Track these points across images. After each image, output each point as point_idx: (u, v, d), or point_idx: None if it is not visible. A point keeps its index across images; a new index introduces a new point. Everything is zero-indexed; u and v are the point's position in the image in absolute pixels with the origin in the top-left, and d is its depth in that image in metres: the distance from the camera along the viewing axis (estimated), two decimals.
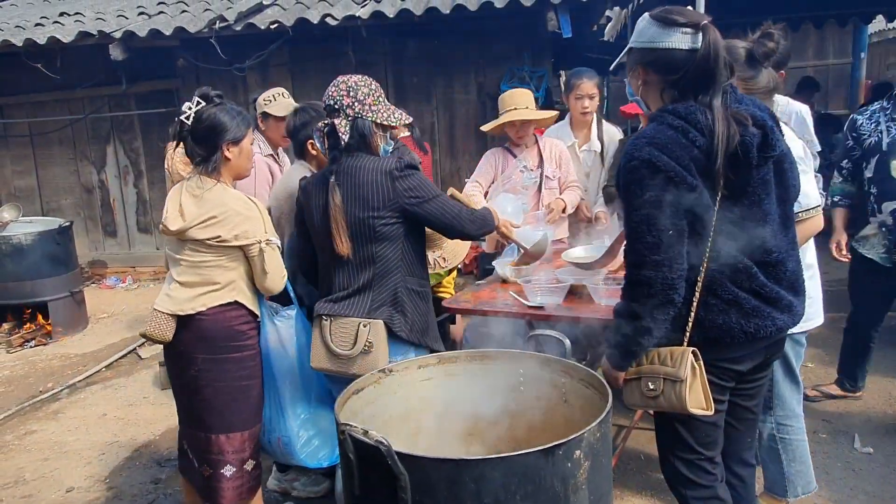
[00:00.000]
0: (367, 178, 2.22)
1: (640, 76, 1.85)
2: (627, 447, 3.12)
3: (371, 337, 2.21)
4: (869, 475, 2.95)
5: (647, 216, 1.68)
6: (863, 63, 10.23)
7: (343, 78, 2.30)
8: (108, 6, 7.63)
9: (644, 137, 1.73)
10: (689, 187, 1.67)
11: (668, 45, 1.74)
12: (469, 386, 2.02)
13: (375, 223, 2.22)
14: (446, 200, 2.31)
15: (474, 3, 5.83)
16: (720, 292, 1.76)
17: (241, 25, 6.23)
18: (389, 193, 2.21)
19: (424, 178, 2.28)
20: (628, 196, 1.74)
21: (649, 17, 1.79)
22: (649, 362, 1.81)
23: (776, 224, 1.82)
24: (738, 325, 1.76)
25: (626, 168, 1.74)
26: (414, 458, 1.44)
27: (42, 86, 7.06)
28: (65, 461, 3.55)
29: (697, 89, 1.73)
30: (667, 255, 1.68)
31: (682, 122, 1.70)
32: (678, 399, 1.73)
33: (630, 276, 1.76)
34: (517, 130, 3.67)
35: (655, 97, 1.83)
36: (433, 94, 6.74)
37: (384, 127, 2.32)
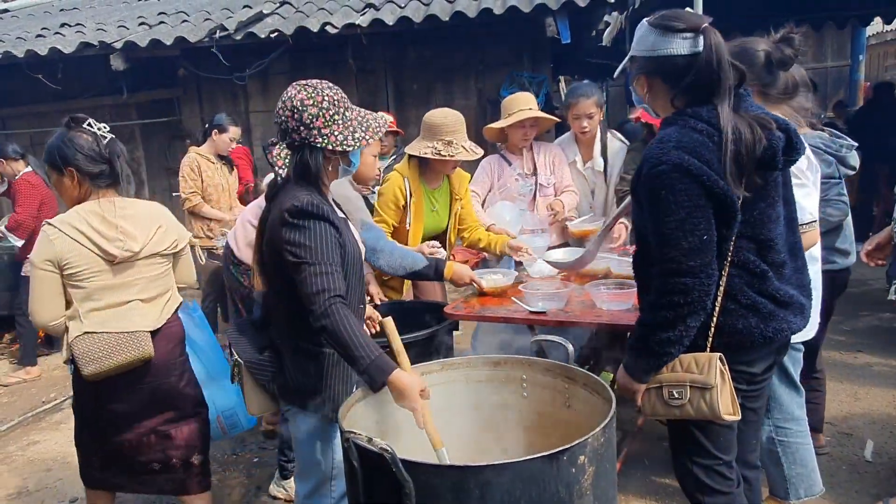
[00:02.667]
0: (273, 216, 1.93)
1: (644, 84, 1.84)
2: (632, 452, 3.12)
3: (239, 373, 2.08)
4: (873, 478, 2.94)
5: (682, 221, 1.65)
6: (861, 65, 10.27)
7: (292, 92, 1.90)
8: (108, 17, 7.67)
9: (670, 141, 1.69)
10: (722, 191, 1.65)
11: (668, 51, 1.72)
12: (473, 392, 2.02)
13: (265, 268, 2.01)
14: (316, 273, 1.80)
15: (473, 10, 5.85)
16: (740, 297, 1.76)
17: (241, 35, 6.26)
18: (277, 235, 1.88)
19: (316, 236, 1.84)
20: (656, 202, 1.69)
21: (648, 25, 1.78)
22: (670, 370, 1.78)
23: (783, 226, 1.83)
24: (758, 329, 1.76)
25: (653, 173, 1.68)
26: (418, 465, 1.44)
27: (43, 96, 7.09)
28: (68, 472, 3.54)
29: (706, 93, 1.72)
30: (703, 260, 1.66)
31: (706, 125, 1.69)
32: (710, 407, 1.71)
33: (665, 285, 1.70)
34: (525, 132, 3.67)
35: (664, 103, 1.82)
36: (433, 100, 6.76)
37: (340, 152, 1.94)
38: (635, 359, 1.81)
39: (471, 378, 2.02)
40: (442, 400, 2.00)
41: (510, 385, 2.00)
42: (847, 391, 3.80)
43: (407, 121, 6.54)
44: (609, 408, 1.63)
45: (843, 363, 4.19)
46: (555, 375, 1.94)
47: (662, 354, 1.75)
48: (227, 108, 6.31)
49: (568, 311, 2.62)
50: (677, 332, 1.71)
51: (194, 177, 4.77)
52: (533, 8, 5.65)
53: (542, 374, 1.96)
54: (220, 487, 3.28)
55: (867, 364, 4.17)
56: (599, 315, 2.54)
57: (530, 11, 5.67)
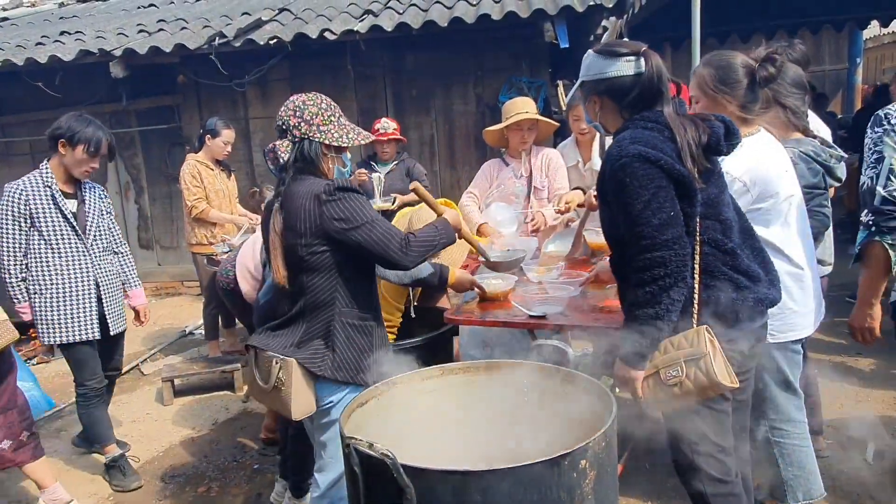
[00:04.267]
0: (298, 204, 2.08)
1: (596, 104, 2.04)
2: (633, 456, 3.11)
3: (282, 375, 2.07)
4: (875, 480, 2.93)
5: (648, 201, 1.79)
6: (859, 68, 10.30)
7: (293, 97, 2.18)
8: (108, 24, 7.69)
9: (625, 139, 1.87)
10: (679, 172, 1.82)
11: (615, 73, 1.95)
12: (473, 397, 2.02)
13: (304, 252, 2.09)
14: (377, 227, 2.08)
15: (472, 16, 5.88)
16: (717, 273, 1.90)
17: (240, 41, 6.29)
18: (316, 220, 2.06)
19: (357, 203, 2.09)
20: (623, 191, 1.83)
21: (594, 53, 2.01)
22: (663, 353, 1.85)
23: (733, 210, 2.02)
24: (740, 299, 1.89)
25: (616, 167, 1.85)
26: (420, 470, 1.44)
27: (43, 104, 7.11)
28: (69, 478, 3.54)
29: (650, 104, 1.95)
30: (674, 233, 1.78)
31: (654, 123, 1.91)
32: (706, 373, 1.77)
33: (642, 262, 1.81)
34: (523, 135, 3.70)
35: (615, 118, 2.03)
36: (432, 106, 6.78)
37: (336, 148, 2.18)
38: (629, 343, 1.86)
39: (471, 382, 2.02)
40: (442, 405, 2.00)
41: (511, 389, 2.00)
42: (848, 394, 3.80)
43: (406, 127, 6.55)
44: (610, 412, 1.63)
45: (843, 366, 4.19)
46: (555, 379, 1.93)
47: (652, 332, 1.82)
48: (227, 115, 6.32)
49: (567, 314, 2.62)
50: (663, 306, 1.79)
51: (196, 183, 4.77)
52: (531, 13, 5.68)
53: (543, 378, 1.96)
54: (220, 494, 3.28)
55: (868, 367, 4.17)
56: (598, 318, 2.55)
57: (528, 17, 5.69)
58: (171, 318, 6.58)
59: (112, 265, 3.45)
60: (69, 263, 3.25)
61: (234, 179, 5.17)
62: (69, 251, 3.25)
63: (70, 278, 3.25)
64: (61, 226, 3.23)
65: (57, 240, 3.23)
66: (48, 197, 3.21)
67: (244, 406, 4.31)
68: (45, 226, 3.20)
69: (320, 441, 2.22)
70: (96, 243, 3.35)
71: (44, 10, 10.05)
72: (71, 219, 3.24)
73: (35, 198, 3.19)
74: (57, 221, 3.22)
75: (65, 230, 3.24)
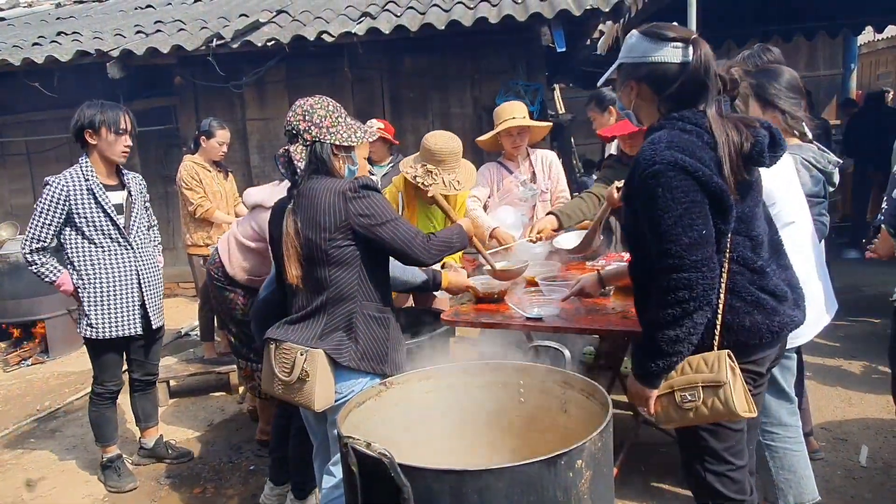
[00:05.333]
0: (321, 200, 2.15)
1: (633, 90, 1.87)
2: (628, 457, 3.12)
3: (307, 366, 2.10)
4: (868, 483, 2.95)
5: (679, 217, 1.67)
6: (853, 73, 10.36)
7: (300, 101, 2.24)
8: (105, 25, 7.68)
9: (661, 142, 1.73)
10: (717, 186, 1.68)
11: (660, 59, 1.78)
12: (470, 397, 2.03)
13: (328, 246, 2.14)
14: (400, 225, 2.18)
15: (469, 19, 5.90)
16: (744, 294, 1.78)
17: (238, 43, 6.29)
18: (341, 215, 2.13)
19: (381, 200, 2.18)
20: (653, 201, 1.70)
21: (639, 34, 1.83)
22: (680, 373, 1.77)
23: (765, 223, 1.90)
24: (765, 325, 1.78)
25: (648, 174, 1.71)
26: (417, 469, 1.44)
27: (40, 105, 7.10)
28: (63, 480, 3.53)
29: (693, 100, 1.78)
30: (704, 254, 1.67)
31: (693, 126, 1.75)
32: (725, 404, 1.71)
33: (667, 282, 1.69)
34: (514, 140, 3.70)
35: (650, 110, 1.87)
36: (429, 108, 6.79)
37: (346, 148, 2.26)
38: (644, 363, 1.78)
39: (468, 383, 2.03)
40: (439, 405, 2.01)
41: (507, 390, 2.01)
42: (841, 396, 3.82)
43: (403, 129, 6.57)
44: (606, 413, 1.64)
45: (837, 368, 4.22)
46: (552, 381, 1.94)
47: (672, 354, 1.73)
48: (224, 116, 6.32)
49: (564, 316, 2.63)
50: (685, 329, 1.69)
51: (196, 184, 4.75)
52: (528, 17, 5.70)
53: (539, 380, 1.97)
54: (216, 495, 3.28)
55: (861, 369, 4.19)
56: (594, 321, 2.56)
57: (525, 20, 5.72)
58: (166, 318, 6.54)
59: (153, 257, 3.43)
60: (111, 258, 3.23)
61: (233, 180, 5.16)
62: (110, 245, 3.22)
63: (113, 273, 3.22)
64: (102, 221, 3.20)
65: (98, 235, 3.20)
66: (87, 192, 3.18)
67: (240, 407, 4.31)
68: (85, 221, 3.18)
69: (334, 435, 2.22)
70: (139, 235, 3.34)
71: (41, 11, 10.03)
72: (112, 213, 3.22)
73: (74, 193, 3.16)
74: (97, 216, 3.19)
75: (105, 225, 3.21)
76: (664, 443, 3.31)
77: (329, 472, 2.29)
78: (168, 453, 3.62)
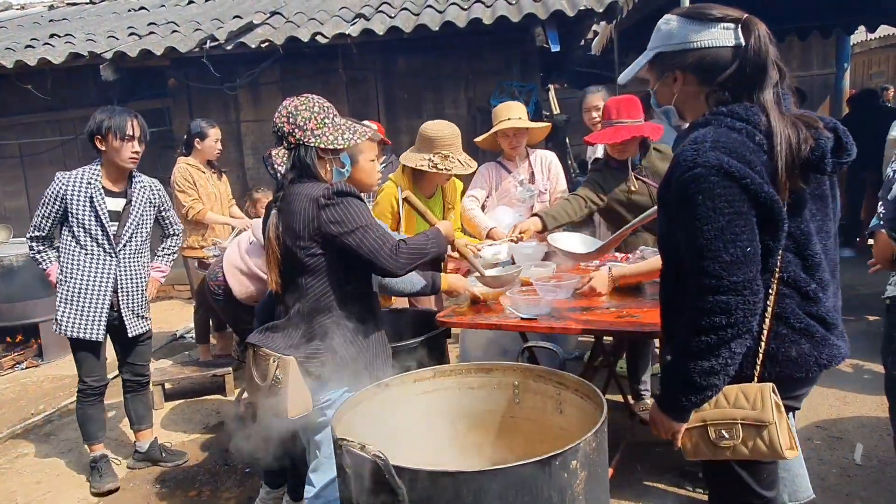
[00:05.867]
0: (297, 207, 2.09)
1: (678, 81, 1.63)
2: (624, 457, 3.13)
3: (279, 373, 2.06)
4: (864, 481, 2.96)
5: (721, 230, 1.45)
6: (846, 73, 10.40)
7: (286, 102, 2.16)
8: (98, 27, 7.67)
9: (705, 141, 1.50)
10: (767, 196, 1.46)
11: (710, 43, 1.55)
12: (465, 398, 2.03)
13: (302, 254, 2.09)
14: (369, 233, 2.07)
15: (463, 20, 5.90)
16: (792, 321, 1.57)
17: (231, 45, 6.28)
18: (314, 222, 2.06)
19: (354, 207, 2.07)
20: (691, 209, 1.48)
21: (680, 17, 1.60)
22: (715, 406, 1.57)
23: (829, 241, 1.64)
24: (812, 356, 1.57)
25: (688, 177, 1.48)
26: (411, 471, 1.44)
27: (33, 107, 7.08)
28: (57, 483, 3.51)
29: (748, 91, 1.55)
30: (747, 275, 1.45)
31: (744, 124, 1.52)
32: (770, 446, 1.53)
33: (704, 304, 1.48)
34: (511, 141, 3.71)
35: (696, 104, 1.63)
36: (423, 109, 6.79)
37: (333, 151, 2.17)
38: (673, 393, 1.58)
39: (463, 384, 2.03)
40: (434, 406, 2.01)
41: (502, 391, 2.01)
42: (836, 395, 3.83)
43: (397, 130, 6.57)
44: (601, 413, 1.64)
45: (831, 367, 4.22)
46: (546, 381, 1.94)
47: (706, 387, 1.52)
48: (218, 118, 6.31)
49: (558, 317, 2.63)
50: (721, 359, 1.49)
51: (190, 186, 4.75)
52: (522, 18, 5.71)
53: (534, 380, 1.97)
54: (211, 498, 3.26)
55: (856, 368, 4.20)
56: (589, 322, 2.56)
57: (519, 21, 5.73)
58: (161, 321, 6.54)
59: (139, 267, 3.41)
60: (91, 262, 3.26)
61: (226, 181, 5.15)
62: (94, 250, 3.25)
63: (88, 276, 3.25)
64: (92, 225, 3.23)
65: (84, 237, 3.24)
66: (86, 195, 3.22)
67: (235, 409, 4.29)
68: (76, 221, 3.22)
69: (315, 441, 2.22)
70: (129, 245, 3.33)
71: (33, 13, 10.00)
72: (105, 218, 3.24)
73: (72, 193, 3.22)
74: (89, 220, 3.23)
75: (94, 229, 3.24)
76: (660, 442, 3.30)
77: (310, 481, 2.24)
78: (162, 456, 3.61)
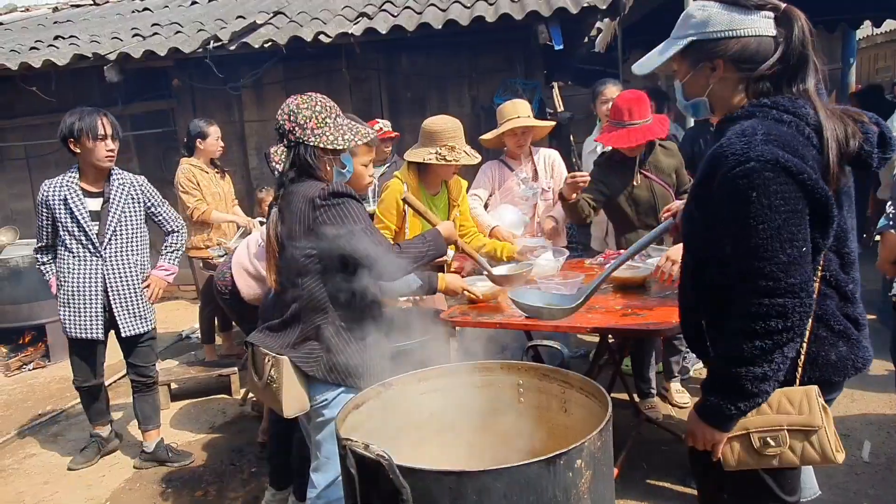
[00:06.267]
0: (295, 206, 2.08)
1: (716, 70, 1.54)
2: (630, 456, 3.12)
3: (273, 372, 2.07)
4: (871, 478, 2.94)
5: (778, 230, 1.38)
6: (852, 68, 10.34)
7: (289, 100, 2.14)
8: (102, 29, 7.68)
9: (755, 134, 1.41)
10: (822, 195, 1.40)
11: (754, 31, 1.49)
12: (469, 397, 2.02)
13: (298, 254, 2.08)
14: (365, 237, 2.05)
15: (466, 18, 5.89)
16: (832, 322, 1.53)
17: (235, 45, 6.28)
18: (309, 223, 2.05)
19: (350, 209, 2.06)
20: (744, 206, 1.40)
21: (719, 3, 1.52)
22: (757, 413, 1.51)
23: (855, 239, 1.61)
24: (850, 359, 1.53)
25: (739, 172, 1.40)
26: (416, 471, 1.44)
27: (38, 109, 7.10)
28: (65, 484, 3.53)
29: (790, 80, 1.50)
30: (804, 276, 1.40)
31: (791, 116, 1.46)
32: (821, 451, 1.49)
33: (756, 307, 1.41)
34: (517, 139, 3.70)
35: (734, 95, 1.56)
36: (427, 107, 6.79)
37: (333, 151, 2.15)
38: (719, 402, 1.51)
39: (467, 383, 2.03)
40: (438, 406, 2.00)
41: (506, 390, 2.00)
42: (843, 392, 3.75)
43: (401, 129, 6.55)
44: (606, 412, 1.63)
45: None
46: (551, 380, 1.94)
47: (756, 394, 1.46)
48: (222, 118, 6.33)
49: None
50: (774, 364, 1.42)
51: (194, 187, 4.76)
52: (525, 15, 5.69)
53: (539, 379, 1.96)
54: (218, 498, 3.27)
55: None
56: (593, 320, 2.56)
57: (522, 19, 5.71)
58: (167, 321, 6.56)
59: (130, 265, 3.44)
60: (79, 263, 3.35)
61: (230, 181, 5.16)
62: (79, 251, 3.35)
63: (78, 278, 3.35)
64: (74, 227, 3.33)
65: (71, 240, 3.34)
66: (62, 199, 3.32)
67: (241, 409, 4.30)
68: (62, 226, 3.35)
69: (315, 440, 2.22)
70: (112, 243, 3.38)
71: (38, 15, 10.03)
72: (84, 219, 3.31)
73: (53, 199, 3.34)
74: (69, 223, 3.33)
75: (76, 231, 3.33)
76: (665, 441, 3.31)
77: (311, 482, 2.23)
78: (169, 456, 3.63)
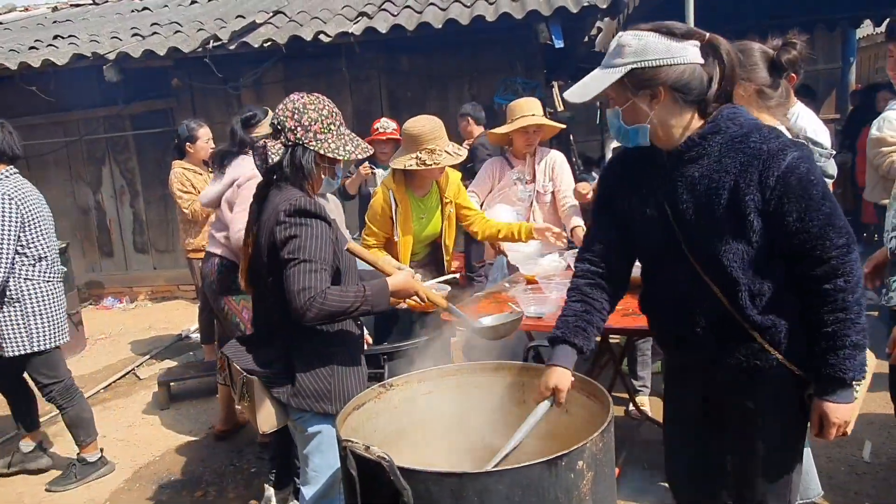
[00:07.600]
0: (266, 216, 1.96)
1: (657, 98, 1.61)
2: (631, 457, 3.11)
3: (246, 390, 2.00)
4: (872, 479, 2.94)
5: (833, 200, 1.60)
6: (852, 67, 10.32)
7: (294, 96, 2.01)
8: (101, 28, 7.67)
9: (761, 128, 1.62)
10: None
11: (687, 59, 1.59)
12: (470, 399, 2.01)
13: (262, 270, 1.99)
14: (301, 271, 1.84)
15: (466, 18, 5.88)
16: None
17: (234, 44, 6.27)
18: (270, 237, 1.92)
19: (306, 233, 1.88)
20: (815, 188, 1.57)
21: (654, 32, 1.60)
22: None
23: None
24: None
25: (799, 157, 1.57)
26: (417, 472, 1.43)
27: (37, 108, 7.09)
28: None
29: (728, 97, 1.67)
30: None
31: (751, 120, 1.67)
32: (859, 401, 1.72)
33: (850, 266, 1.60)
34: (528, 137, 3.65)
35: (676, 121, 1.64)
36: (427, 107, 6.77)
37: (330, 160, 2.02)
38: (845, 370, 1.65)
39: (468, 384, 2.02)
40: (439, 406, 2.00)
41: (508, 391, 1.99)
42: None
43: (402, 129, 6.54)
44: (607, 412, 1.63)
45: None
46: None
47: (864, 347, 1.67)
48: (222, 118, 6.32)
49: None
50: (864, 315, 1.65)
51: (186, 190, 4.75)
52: (525, 15, 5.68)
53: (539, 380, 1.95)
54: (218, 499, 3.27)
55: None
56: None
57: (523, 18, 5.70)
58: (166, 322, 6.56)
59: None
60: None
61: None
62: None
63: None
64: None
65: None
66: None
67: (241, 410, 4.30)
68: None
69: (302, 455, 2.14)
70: None
71: (37, 15, 10.02)
72: None
73: None
74: None
75: None
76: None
77: (301, 496, 2.17)
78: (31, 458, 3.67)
